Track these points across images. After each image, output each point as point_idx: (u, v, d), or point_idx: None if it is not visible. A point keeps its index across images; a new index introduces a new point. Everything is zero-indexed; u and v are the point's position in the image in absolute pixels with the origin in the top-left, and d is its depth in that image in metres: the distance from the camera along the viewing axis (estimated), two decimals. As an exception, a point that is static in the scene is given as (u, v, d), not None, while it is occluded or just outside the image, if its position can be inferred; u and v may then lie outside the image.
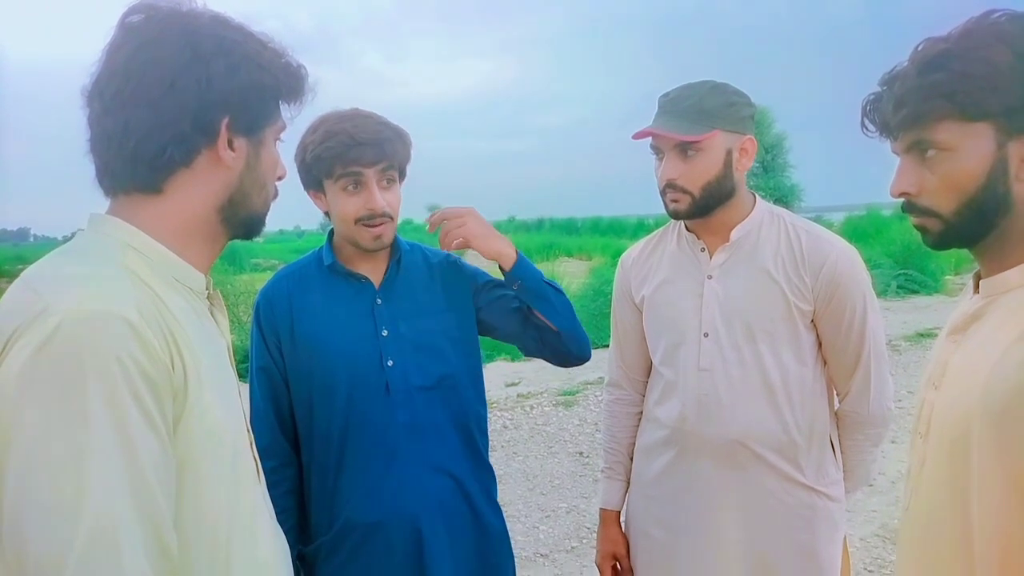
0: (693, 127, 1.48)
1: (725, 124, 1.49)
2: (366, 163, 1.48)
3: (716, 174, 1.50)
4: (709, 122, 1.48)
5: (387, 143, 1.50)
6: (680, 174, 1.51)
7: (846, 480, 1.63)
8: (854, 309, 1.51)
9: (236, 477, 0.92)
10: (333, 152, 1.47)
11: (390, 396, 1.53)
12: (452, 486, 1.58)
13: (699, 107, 1.48)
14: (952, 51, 0.89)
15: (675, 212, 1.56)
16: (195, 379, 0.85)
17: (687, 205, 1.53)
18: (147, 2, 0.90)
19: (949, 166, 0.92)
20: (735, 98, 1.52)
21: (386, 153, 1.50)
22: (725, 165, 1.51)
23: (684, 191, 1.52)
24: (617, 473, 1.81)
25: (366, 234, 1.52)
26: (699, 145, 1.48)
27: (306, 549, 1.57)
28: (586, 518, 4.11)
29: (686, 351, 1.60)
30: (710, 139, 1.48)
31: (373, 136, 1.49)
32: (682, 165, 1.50)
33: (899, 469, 4.31)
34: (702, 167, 1.50)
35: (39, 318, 0.74)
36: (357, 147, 1.47)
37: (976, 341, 0.93)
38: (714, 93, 1.50)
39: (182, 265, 0.94)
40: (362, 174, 1.49)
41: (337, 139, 1.47)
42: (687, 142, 1.49)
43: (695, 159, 1.50)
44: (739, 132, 1.52)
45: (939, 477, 0.93)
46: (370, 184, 1.50)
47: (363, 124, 1.50)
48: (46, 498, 0.71)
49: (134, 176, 0.90)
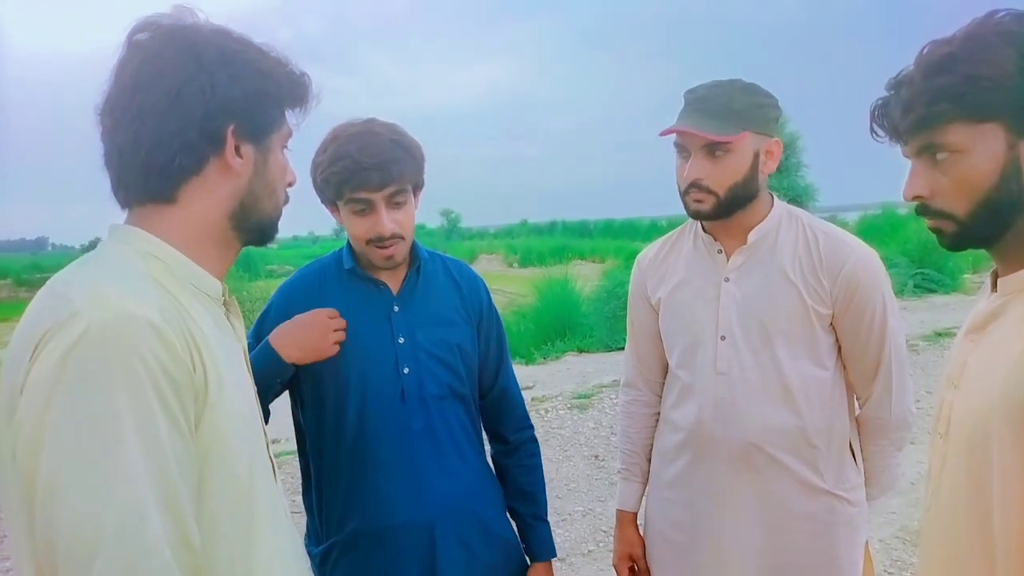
0: (724, 127, 1.45)
1: (754, 126, 1.47)
2: (372, 188, 1.46)
3: (743, 176, 1.48)
4: (740, 123, 1.45)
5: (395, 165, 1.46)
6: (707, 174, 1.48)
7: (869, 486, 1.61)
8: (873, 313, 1.49)
9: (254, 474, 0.94)
10: (340, 178, 1.46)
11: (405, 403, 1.53)
12: (465, 493, 1.58)
13: (729, 107, 1.46)
14: (957, 54, 0.89)
15: (697, 212, 1.53)
16: (215, 379, 0.88)
17: (711, 206, 1.50)
18: (151, 19, 0.94)
19: (961, 168, 0.92)
20: (764, 99, 1.50)
21: (393, 176, 1.46)
22: (752, 167, 1.49)
23: (710, 191, 1.49)
24: (634, 474, 1.81)
25: (377, 254, 1.52)
26: (729, 146, 1.46)
27: (316, 550, 1.57)
28: (602, 521, 4.10)
29: (703, 354, 1.59)
30: (740, 140, 1.46)
31: (379, 160, 1.44)
32: (709, 165, 1.48)
33: (918, 470, 4.26)
34: (730, 168, 1.47)
35: (68, 322, 0.78)
36: (362, 172, 1.44)
37: (994, 340, 0.93)
38: (744, 93, 1.48)
39: (199, 272, 0.97)
40: (371, 200, 1.47)
41: (342, 164, 1.45)
42: (716, 142, 1.46)
43: (723, 160, 1.47)
44: (767, 134, 1.50)
45: (960, 477, 0.93)
46: (378, 208, 1.47)
47: (371, 146, 1.46)
48: (76, 490, 0.75)
49: (147, 186, 0.93)
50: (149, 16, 0.94)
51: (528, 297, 10.90)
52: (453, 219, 55.99)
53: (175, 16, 0.95)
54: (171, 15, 0.95)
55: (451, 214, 56.08)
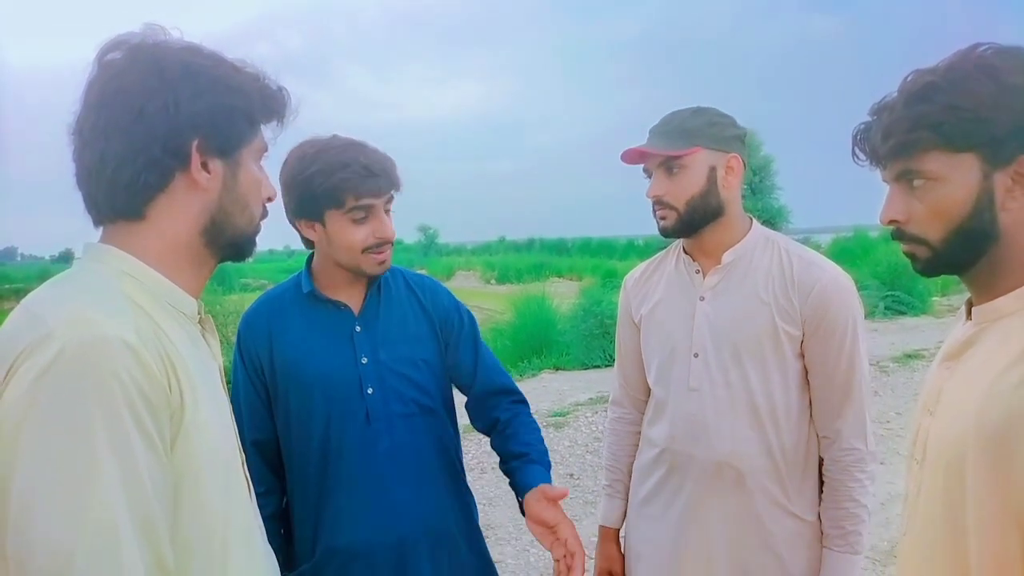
0: (675, 144, 1.54)
1: (707, 142, 1.54)
2: (378, 194, 1.49)
3: (700, 190, 1.54)
4: (691, 139, 1.53)
5: (394, 171, 1.53)
6: (666, 191, 1.56)
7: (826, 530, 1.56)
8: (843, 335, 1.50)
9: (229, 494, 0.94)
10: (349, 184, 1.46)
11: (371, 424, 1.52)
12: (435, 511, 1.57)
13: (682, 127, 1.55)
14: (938, 83, 0.91)
15: (663, 229, 1.60)
16: (191, 399, 0.87)
17: (673, 221, 1.57)
18: (121, 38, 0.93)
19: (936, 195, 0.93)
20: (717, 118, 1.57)
21: (394, 183, 1.53)
22: (709, 181, 1.55)
23: (670, 207, 1.56)
24: (617, 491, 1.83)
25: (372, 261, 1.52)
26: (682, 161, 1.54)
27: (289, 575, 1.55)
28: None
29: (677, 371, 1.62)
30: (692, 155, 1.53)
31: (384, 167, 1.50)
32: (668, 182, 1.56)
33: (888, 491, 4.31)
34: (685, 183, 1.54)
35: (43, 342, 0.78)
36: (372, 179, 1.47)
37: (969, 367, 0.94)
38: (696, 115, 1.57)
39: (175, 290, 0.96)
40: (374, 206, 1.50)
41: (351, 170, 1.46)
42: (671, 159, 1.54)
43: (679, 175, 1.55)
44: (723, 150, 1.56)
45: (935, 502, 0.93)
46: (379, 213, 1.51)
47: (373, 153, 1.51)
48: (50, 512, 0.74)
49: (114, 204, 0.93)
50: (119, 35, 0.94)
51: (505, 314, 10.90)
52: (431, 235, 55.99)
53: (144, 34, 0.94)
54: (140, 33, 0.94)
55: (429, 230, 56.09)
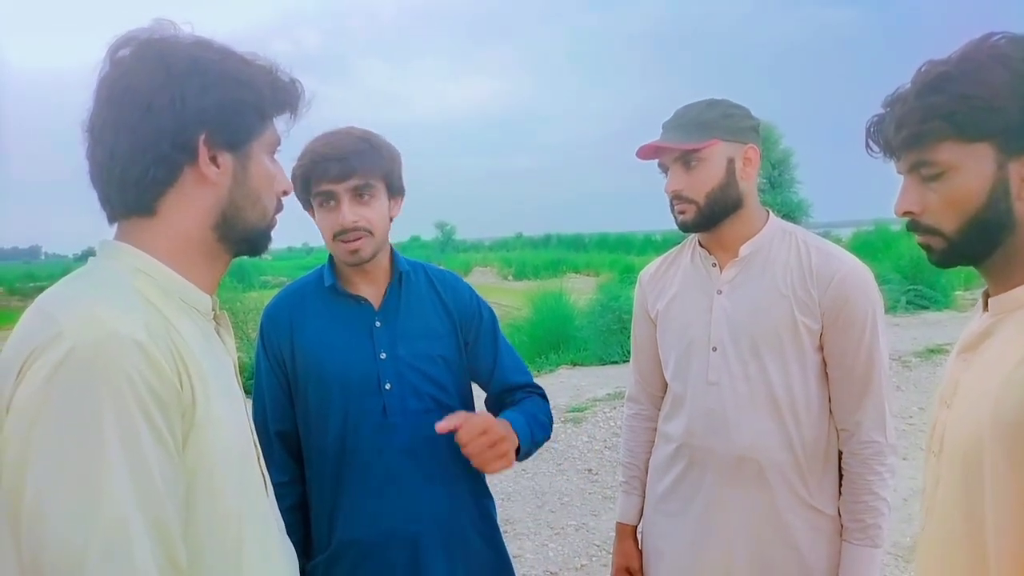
0: (691, 137, 1.52)
1: (724, 134, 1.53)
2: (333, 179, 1.48)
3: (719, 182, 1.53)
4: (708, 132, 1.52)
5: (356, 156, 1.48)
6: (685, 185, 1.54)
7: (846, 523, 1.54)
8: (863, 327, 1.49)
9: (244, 490, 0.94)
10: (303, 171, 1.50)
11: (387, 419, 1.53)
12: (450, 506, 1.58)
13: (697, 120, 1.53)
14: (951, 73, 0.91)
15: (683, 223, 1.58)
16: (203, 395, 0.88)
17: (693, 215, 1.55)
18: (131, 34, 0.94)
19: (950, 186, 0.93)
20: (732, 110, 1.55)
21: (354, 168, 1.48)
22: (728, 173, 1.53)
23: (689, 201, 1.54)
24: (634, 488, 1.83)
25: (342, 249, 1.52)
26: (700, 154, 1.52)
27: (306, 566, 1.56)
28: (595, 536, 4.08)
29: (695, 364, 1.61)
30: (710, 148, 1.52)
31: (340, 152, 1.47)
32: (685, 176, 1.54)
33: (910, 486, 4.26)
34: (704, 176, 1.53)
35: (54, 341, 0.78)
36: (323, 163, 1.48)
37: (986, 359, 0.94)
38: (711, 107, 1.55)
39: (188, 287, 0.96)
40: (333, 191, 1.49)
41: (307, 158, 1.49)
42: (688, 152, 1.52)
43: (697, 168, 1.53)
44: (739, 141, 1.55)
45: (953, 495, 0.93)
46: (340, 200, 1.49)
47: (335, 141, 1.49)
48: (62, 511, 0.75)
49: (126, 200, 0.94)
50: (129, 32, 0.94)
51: (522, 310, 10.90)
52: (448, 231, 56.08)
53: (153, 30, 0.94)
54: (149, 29, 0.94)
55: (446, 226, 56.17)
